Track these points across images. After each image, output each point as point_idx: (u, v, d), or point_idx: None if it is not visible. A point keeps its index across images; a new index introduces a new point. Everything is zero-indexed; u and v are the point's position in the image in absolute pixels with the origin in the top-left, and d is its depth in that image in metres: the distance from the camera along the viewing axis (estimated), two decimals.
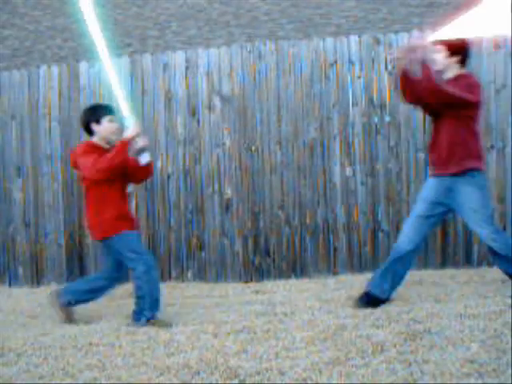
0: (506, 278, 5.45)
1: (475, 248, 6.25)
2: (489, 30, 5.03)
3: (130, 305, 5.56)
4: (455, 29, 4.80)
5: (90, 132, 4.88)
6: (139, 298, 4.89)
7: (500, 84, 6.22)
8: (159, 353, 4.16)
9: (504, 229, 6.19)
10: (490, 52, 6.21)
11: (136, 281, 4.87)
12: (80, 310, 5.59)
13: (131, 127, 4.79)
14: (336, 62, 6.43)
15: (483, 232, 4.80)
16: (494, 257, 4.93)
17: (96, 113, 4.87)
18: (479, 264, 6.20)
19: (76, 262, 6.91)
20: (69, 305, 5.13)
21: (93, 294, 5.18)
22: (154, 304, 4.90)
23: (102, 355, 4.20)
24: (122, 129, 4.88)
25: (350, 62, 6.41)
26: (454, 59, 4.78)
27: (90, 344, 4.47)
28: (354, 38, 6.45)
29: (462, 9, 4.64)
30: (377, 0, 22.84)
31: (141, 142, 4.83)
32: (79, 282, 5.56)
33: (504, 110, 6.21)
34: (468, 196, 4.74)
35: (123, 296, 6.06)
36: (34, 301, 6.14)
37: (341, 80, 6.43)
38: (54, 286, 6.78)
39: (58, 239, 6.94)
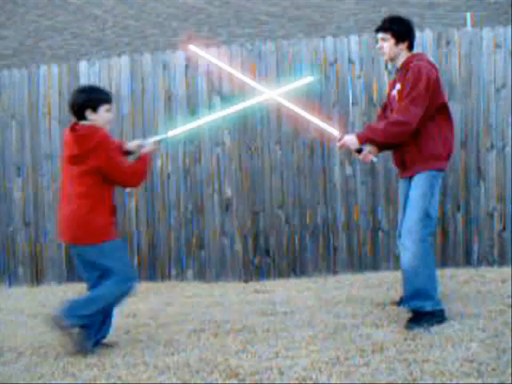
0: (506, 277, 5.46)
1: (475, 248, 6.25)
2: None
3: (130, 304, 5.57)
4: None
5: (81, 117, 4.29)
6: None
7: (500, 84, 6.22)
8: (159, 352, 4.17)
9: (504, 229, 6.19)
10: (490, 52, 6.21)
11: None
12: None
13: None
14: (336, 61, 6.43)
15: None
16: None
17: (93, 99, 4.32)
18: (479, 264, 6.20)
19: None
20: None
21: None
22: None
23: (101, 354, 4.20)
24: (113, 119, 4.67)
25: (350, 61, 6.41)
26: (401, 46, 4.57)
27: None
28: (353, 38, 6.45)
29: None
30: (377, 0, 22.82)
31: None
32: None
33: (504, 110, 6.21)
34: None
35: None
36: (33, 300, 6.13)
37: (341, 80, 6.43)
38: (53, 286, 6.80)
39: (58, 239, 6.93)
